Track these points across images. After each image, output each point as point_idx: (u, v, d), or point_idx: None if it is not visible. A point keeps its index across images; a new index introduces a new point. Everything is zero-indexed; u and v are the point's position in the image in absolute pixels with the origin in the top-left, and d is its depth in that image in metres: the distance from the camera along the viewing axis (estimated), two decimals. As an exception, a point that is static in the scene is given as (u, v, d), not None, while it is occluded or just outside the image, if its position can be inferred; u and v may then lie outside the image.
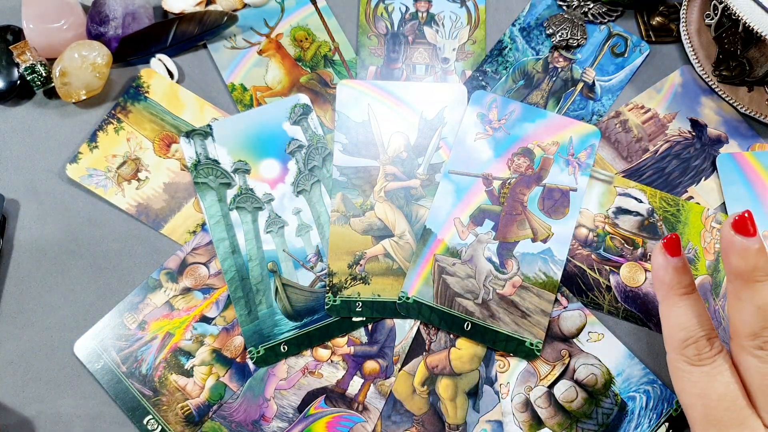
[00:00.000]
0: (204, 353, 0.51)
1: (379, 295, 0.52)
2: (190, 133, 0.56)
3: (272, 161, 0.56)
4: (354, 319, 0.51)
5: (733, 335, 0.41)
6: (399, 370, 0.50)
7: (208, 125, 0.56)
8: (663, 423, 0.49)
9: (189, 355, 0.51)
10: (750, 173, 0.56)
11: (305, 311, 0.51)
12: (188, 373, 0.50)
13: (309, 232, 0.54)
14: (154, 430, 0.48)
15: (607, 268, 0.53)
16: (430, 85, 0.59)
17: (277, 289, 0.52)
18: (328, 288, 0.52)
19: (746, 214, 0.40)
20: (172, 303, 0.52)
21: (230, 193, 0.55)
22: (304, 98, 0.58)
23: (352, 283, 0.52)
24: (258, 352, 0.50)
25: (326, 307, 0.51)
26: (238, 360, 0.51)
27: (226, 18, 0.59)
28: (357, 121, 0.57)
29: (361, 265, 0.52)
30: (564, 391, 0.50)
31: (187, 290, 0.52)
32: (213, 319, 0.52)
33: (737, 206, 0.54)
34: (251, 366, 0.50)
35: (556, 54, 0.61)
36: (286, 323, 0.51)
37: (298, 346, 0.51)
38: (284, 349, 0.50)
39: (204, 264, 0.53)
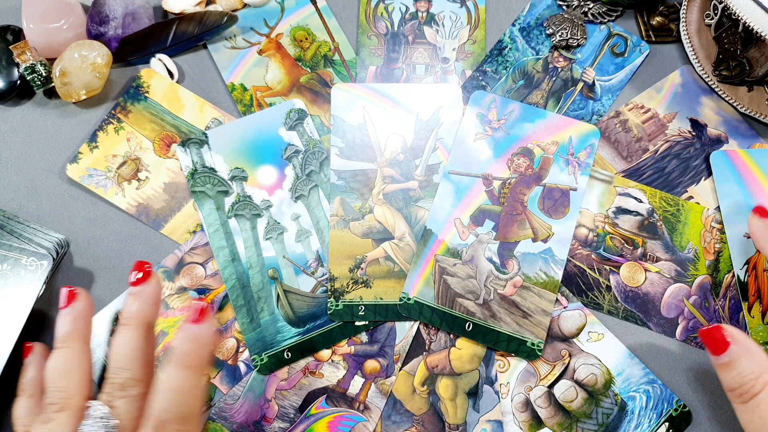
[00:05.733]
0: (197, 354, 0.51)
1: (381, 298, 0.52)
2: (185, 142, 0.56)
3: (269, 167, 0.56)
4: (357, 323, 0.51)
5: None
6: (399, 370, 0.50)
7: (204, 133, 0.56)
8: (663, 423, 0.49)
9: (183, 354, 0.50)
10: (743, 171, 0.56)
11: (307, 317, 0.51)
12: (181, 373, 0.50)
13: (309, 238, 0.54)
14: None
15: (607, 267, 0.53)
16: (424, 86, 0.59)
17: (278, 295, 0.52)
18: (329, 293, 0.52)
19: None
20: (167, 302, 0.52)
21: (228, 201, 0.54)
22: (299, 103, 0.58)
23: (353, 287, 0.52)
24: (261, 360, 0.50)
25: (329, 312, 0.51)
26: (229, 362, 0.51)
27: (226, 18, 0.59)
28: (353, 124, 0.57)
29: (362, 269, 0.52)
30: (564, 391, 0.50)
31: (183, 290, 0.52)
32: (209, 320, 0.52)
33: (731, 204, 0.54)
34: (242, 368, 0.50)
35: (556, 54, 0.61)
36: (289, 330, 0.51)
37: (301, 352, 0.51)
38: (288, 356, 0.50)
39: (201, 264, 0.53)
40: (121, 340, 0.42)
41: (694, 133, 0.58)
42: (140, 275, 0.43)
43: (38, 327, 0.51)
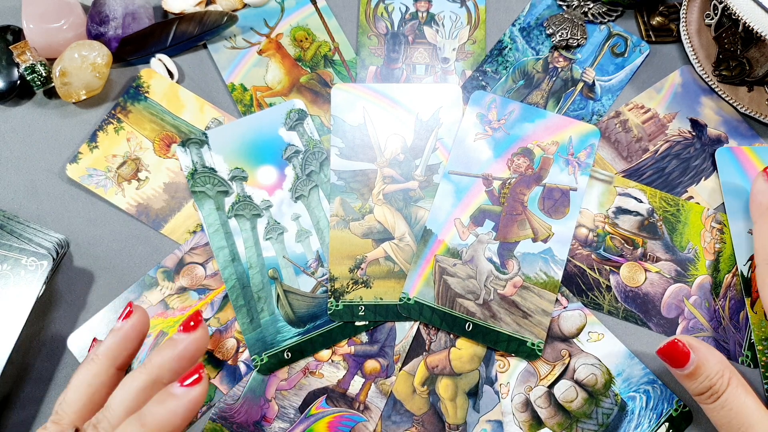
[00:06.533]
0: (196, 354, 0.51)
1: (381, 299, 0.52)
2: (185, 142, 0.56)
3: (269, 168, 0.56)
4: (357, 323, 0.51)
5: (760, 261, 0.49)
6: (399, 370, 0.50)
7: (204, 133, 0.56)
8: (663, 423, 0.49)
9: (181, 354, 0.51)
10: (748, 167, 0.56)
11: (308, 317, 0.51)
12: (179, 373, 0.50)
13: (309, 238, 0.54)
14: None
15: (607, 268, 0.53)
16: (424, 86, 0.59)
17: (278, 295, 0.52)
18: (329, 293, 0.52)
19: None
20: (167, 302, 0.52)
21: (228, 201, 0.54)
22: (299, 104, 0.58)
23: (353, 288, 0.52)
24: (261, 360, 0.50)
25: (329, 312, 0.51)
26: (229, 362, 0.51)
27: (226, 18, 0.59)
28: (353, 124, 0.57)
29: (362, 269, 0.52)
30: (564, 391, 0.50)
31: (182, 290, 0.52)
32: (207, 320, 0.52)
33: (735, 200, 0.54)
34: (242, 368, 0.50)
35: (556, 54, 0.61)
36: (289, 330, 0.51)
37: (301, 352, 0.51)
38: (288, 356, 0.50)
39: (201, 264, 0.53)
40: (82, 374, 0.42)
41: (694, 133, 0.58)
42: (128, 310, 0.44)
43: (38, 327, 0.51)
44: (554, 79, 0.60)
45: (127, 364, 0.44)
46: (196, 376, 0.39)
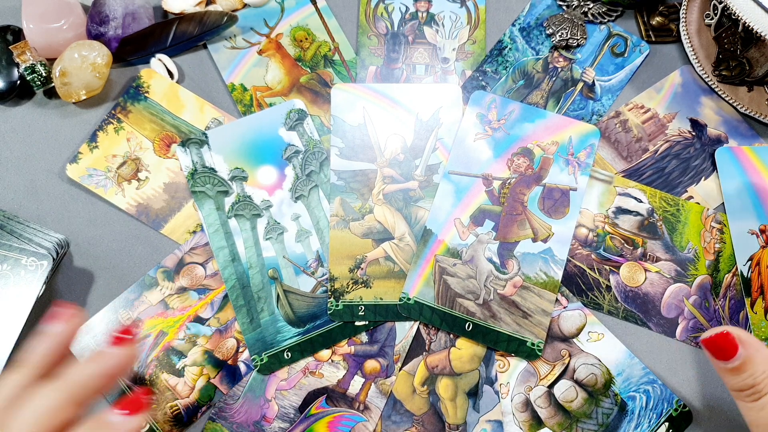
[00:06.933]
0: (196, 354, 0.51)
1: (381, 299, 0.52)
2: (185, 142, 0.56)
3: (269, 168, 0.56)
4: (357, 323, 0.51)
5: None
6: (399, 370, 0.50)
7: (204, 133, 0.56)
8: (663, 423, 0.49)
9: (181, 354, 0.51)
10: (748, 167, 0.56)
11: (307, 317, 0.51)
12: (179, 373, 0.50)
13: (308, 238, 0.54)
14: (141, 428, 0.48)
15: (607, 268, 0.53)
16: (424, 86, 0.59)
17: (278, 295, 0.52)
18: (329, 293, 0.52)
19: None
20: (167, 302, 0.52)
21: (228, 201, 0.54)
22: (299, 104, 0.58)
23: (353, 288, 0.52)
24: (261, 360, 0.50)
25: (329, 312, 0.51)
26: (229, 362, 0.51)
27: (226, 18, 0.59)
28: (353, 124, 0.57)
29: (362, 269, 0.52)
30: (564, 391, 0.50)
31: (182, 290, 0.52)
32: (207, 320, 0.52)
33: (735, 200, 0.54)
34: (242, 368, 0.50)
35: (556, 54, 0.61)
36: (289, 330, 0.51)
37: (301, 352, 0.51)
38: (288, 356, 0.50)
39: (201, 264, 0.53)
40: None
41: (694, 133, 0.58)
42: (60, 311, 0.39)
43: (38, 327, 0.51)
44: (554, 79, 0.60)
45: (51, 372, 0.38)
46: (137, 403, 0.35)
